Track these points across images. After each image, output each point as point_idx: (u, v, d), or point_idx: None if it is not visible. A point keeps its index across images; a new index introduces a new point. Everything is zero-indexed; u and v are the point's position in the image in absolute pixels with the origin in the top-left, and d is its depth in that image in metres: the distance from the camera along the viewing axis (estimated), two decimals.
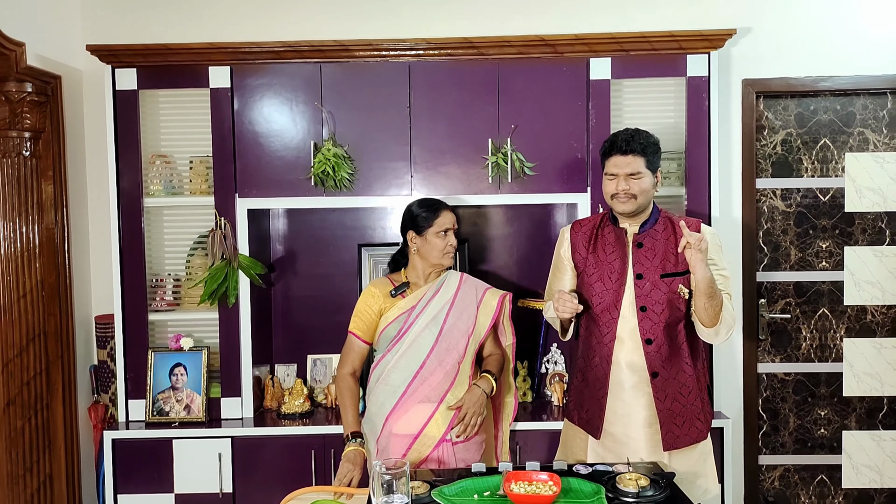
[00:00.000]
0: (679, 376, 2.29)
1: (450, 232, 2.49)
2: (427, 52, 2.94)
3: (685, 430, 2.29)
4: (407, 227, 2.53)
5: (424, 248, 2.49)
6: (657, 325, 2.27)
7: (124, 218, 3.00)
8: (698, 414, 2.32)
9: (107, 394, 3.21)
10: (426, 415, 2.41)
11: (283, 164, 2.98)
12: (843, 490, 3.38)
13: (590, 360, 2.36)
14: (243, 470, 2.91)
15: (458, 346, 2.46)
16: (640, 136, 2.29)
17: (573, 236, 2.44)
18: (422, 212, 2.50)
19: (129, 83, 2.97)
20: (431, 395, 2.42)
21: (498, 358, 2.59)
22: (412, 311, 2.48)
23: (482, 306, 2.53)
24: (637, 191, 2.25)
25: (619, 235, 2.35)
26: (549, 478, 1.93)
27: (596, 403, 2.33)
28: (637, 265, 2.30)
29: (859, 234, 3.32)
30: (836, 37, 3.21)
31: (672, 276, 2.27)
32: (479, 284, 2.59)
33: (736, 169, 3.24)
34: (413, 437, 2.40)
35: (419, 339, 2.45)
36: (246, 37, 3.13)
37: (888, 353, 3.34)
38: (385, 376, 2.46)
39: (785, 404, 3.37)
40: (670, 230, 2.32)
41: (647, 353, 2.27)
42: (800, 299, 3.35)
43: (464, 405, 2.42)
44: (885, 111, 3.28)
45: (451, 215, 2.51)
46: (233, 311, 3.00)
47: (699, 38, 2.91)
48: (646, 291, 2.28)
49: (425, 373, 2.43)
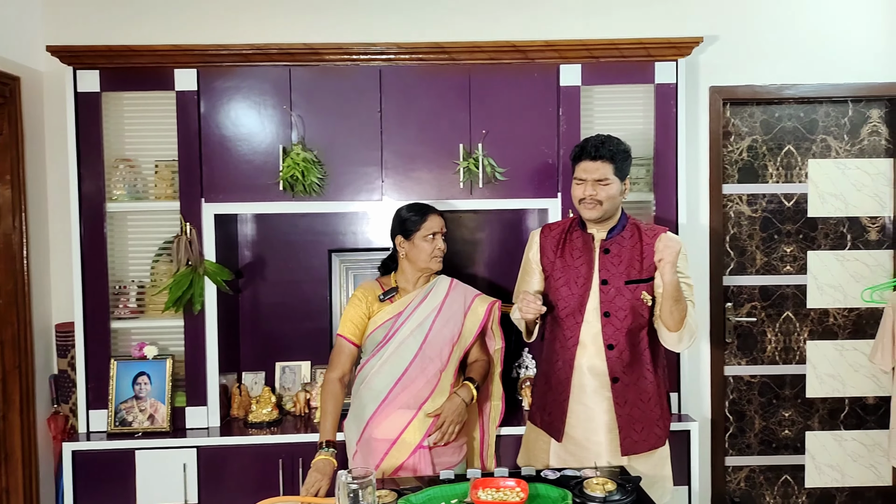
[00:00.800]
0: (639, 382, 2.31)
1: (438, 236, 2.50)
2: (398, 57, 2.92)
3: (644, 435, 2.31)
4: (396, 231, 2.53)
5: (413, 252, 2.49)
6: (620, 330, 2.28)
7: (86, 223, 2.92)
8: (657, 420, 2.34)
9: (67, 404, 3.12)
10: (405, 421, 2.41)
11: (251, 168, 2.93)
12: (806, 489, 3.45)
13: (553, 363, 2.37)
14: (209, 481, 2.85)
15: (442, 354, 2.47)
16: (611, 143, 2.29)
17: (542, 240, 2.44)
18: (410, 216, 2.50)
19: (91, 85, 2.89)
20: (411, 401, 2.43)
21: (483, 364, 2.60)
22: (399, 317, 2.48)
23: (470, 313, 2.54)
24: (603, 197, 2.26)
25: (586, 240, 2.36)
26: (516, 484, 1.94)
27: (558, 407, 2.35)
28: (603, 271, 2.31)
29: (822, 239, 3.40)
30: (800, 46, 3.28)
31: (636, 283, 2.29)
32: (469, 291, 2.60)
33: (703, 175, 3.29)
34: (391, 442, 2.40)
35: (403, 345, 2.45)
36: (213, 39, 3.08)
37: (850, 356, 3.42)
38: (369, 380, 2.46)
39: (751, 406, 3.43)
40: (637, 237, 2.34)
41: (609, 358, 2.28)
42: (765, 303, 3.41)
43: (442, 413, 2.42)
44: (846, 119, 3.36)
45: (440, 219, 2.52)
46: (198, 318, 2.94)
47: (667, 46, 2.95)
48: (610, 297, 2.29)
49: (407, 380, 2.43)
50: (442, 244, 2.51)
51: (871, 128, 3.37)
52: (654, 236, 2.29)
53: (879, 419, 3.42)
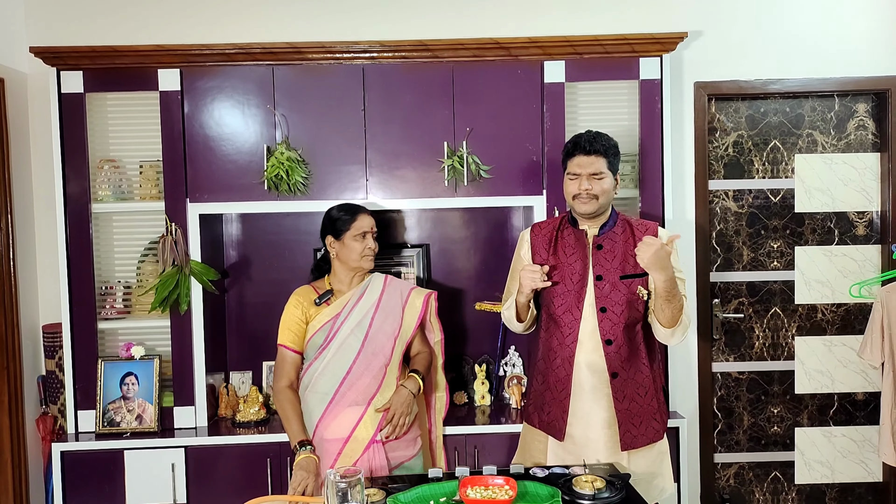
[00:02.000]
0: (637, 377, 2.32)
1: (368, 235, 2.52)
2: (381, 55, 2.92)
3: (642, 430, 2.31)
4: (326, 231, 2.55)
5: (343, 252, 2.51)
6: (617, 325, 2.28)
7: (72, 224, 2.92)
8: (654, 414, 2.34)
9: (55, 405, 3.13)
10: (355, 418, 2.43)
11: (235, 168, 2.93)
12: (795, 486, 3.45)
13: (551, 361, 2.36)
14: (197, 480, 2.86)
15: (385, 349, 2.49)
16: (602, 138, 2.33)
17: (533, 239, 2.44)
18: (340, 215, 2.53)
19: (75, 86, 2.90)
20: (359, 398, 2.45)
21: (426, 356, 2.63)
22: (337, 319, 2.49)
23: (408, 306, 2.57)
24: (599, 191, 2.28)
25: (578, 237, 2.36)
26: (504, 482, 1.93)
27: (558, 405, 2.34)
28: (597, 266, 2.31)
29: (809, 234, 3.39)
30: (785, 40, 3.28)
31: (631, 278, 2.30)
32: (404, 285, 2.63)
33: (689, 170, 3.28)
34: (343, 441, 2.42)
35: (345, 344, 2.47)
36: (196, 39, 3.08)
37: (838, 351, 3.41)
38: (313, 384, 2.48)
39: (739, 403, 3.42)
40: (629, 232, 2.36)
41: (607, 353, 2.28)
42: (752, 299, 3.40)
43: (391, 406, 2.44)
44: (832, 113, 3.36)
45: (370, 219, 2.54)
46: (185, 318, 2.95)
47: (651, 42, 2.94)
48: (605, 293, 2.29)
49: (353, 377, 2.45)
50: (373, 243, 2.52)
51: (857, 122, 3.36)
52: (645, 231, 2.33)
53: (869, 415, 3.41)
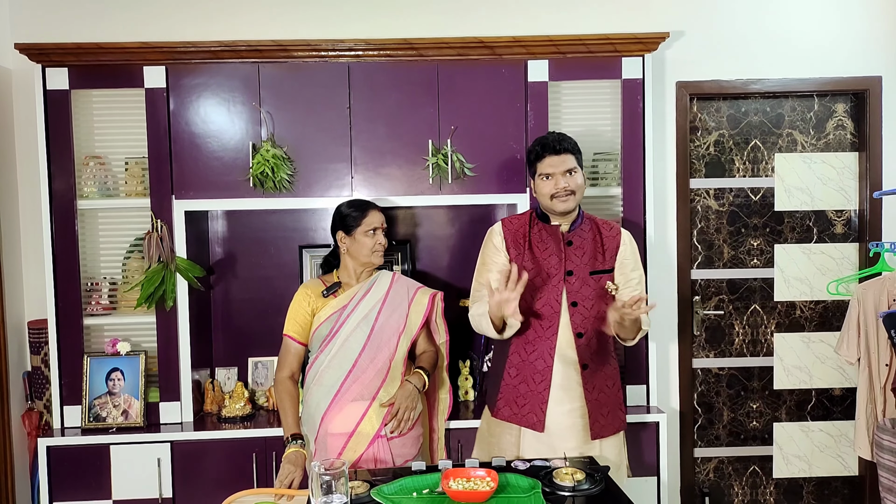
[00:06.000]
0: (605, 368, 2.42)
1: (378, 231, 2.53)
2: (366, 53, 2.94)
3: (609, 419, 2.40)
4: (336, 227, 2.56)
5: (354, 247, 2.53)
6: (587, 319, 2.37)
7: (57, 221, 2.93)
8: (620, 404, 2.46)
9: (41, 400, 3.14)
10: (359, 412, 2.44)
11: (220, 165, 2.95)
12: (774, 480, 3.51)
13: (527, 354, 2.40)
14: (183, 474, 2.88)
15: (390, 344, 2.50)
16: (567, 138, 2.42)
17: (506, 232, 2.47)
18: (351, 211, 2.54)
19: (60, 83, 2.90)
20: (364, 392, 2.45)
21: (431, 355, 2.64)
22: (343, 311, 2.50)
23: (413, 305, 2.58)
24: (575, 186, 2.36)
25: (552, 232, 2.42)
26: (486, 474, 1.96)
27: (536, 397, 2.38)
28: (568, 262, 2.38)
29: (788, 233, 3.44)
30: (766, 40, 3.32)
31: (600, 274, 2.38)
32: (411, 284, 2.64)
33: (670, 169, 3.33)
34: (348, 435, 2.42)
35: (351, 338, 2.48)
36: (181, 36, 3.09)
37: (816, 347, 3.47)
38: (319, 377, 2.48)
39: (719, 398, 3.48)
40: (595, 230, 2.45)
41: (579, 346, 2.36)
42: (732, 296, 3.45)
43: (396, 401, 2.45)
44: (811, 113, 3.40)
45: (380, 215, 2.56)
46: (171, 314, 2.96)
47: (633, 41, 2.97)
48: (576, 287, 2.37)
49: (357, 371, 2.46)
50: (383, 239, 2.54)
51: (836, 122, 3.41)
52: (610, 230, 2.45)
53: (845, 410, 3.48)
